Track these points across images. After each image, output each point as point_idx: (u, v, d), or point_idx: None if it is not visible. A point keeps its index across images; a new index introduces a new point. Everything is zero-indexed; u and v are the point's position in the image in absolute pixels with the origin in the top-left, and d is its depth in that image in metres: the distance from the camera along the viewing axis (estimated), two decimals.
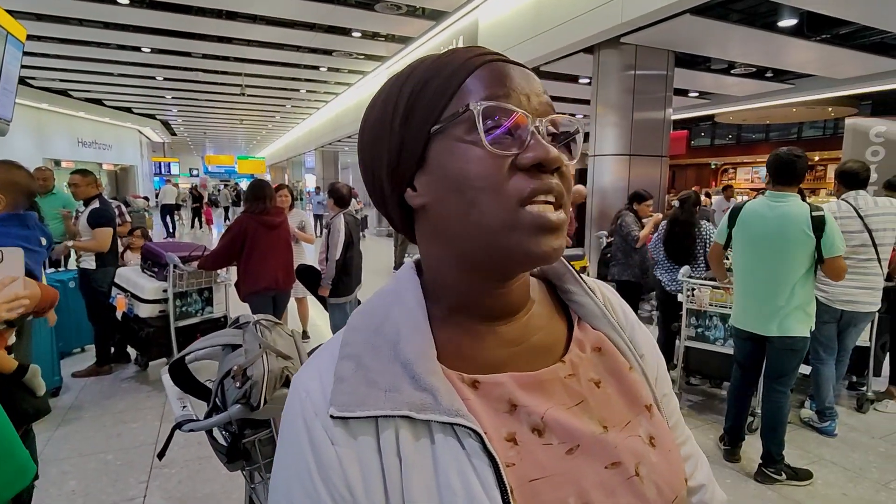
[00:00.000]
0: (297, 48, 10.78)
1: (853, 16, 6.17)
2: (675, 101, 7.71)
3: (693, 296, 3.70)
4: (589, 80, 7.58)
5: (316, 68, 12.64)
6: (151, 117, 22.30)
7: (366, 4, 8.29)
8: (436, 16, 8.95)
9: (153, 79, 13.89)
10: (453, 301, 0.52)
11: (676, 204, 4.22)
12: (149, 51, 11.04)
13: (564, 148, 0.49)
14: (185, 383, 1.62)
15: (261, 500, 1.64)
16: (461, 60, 0.48)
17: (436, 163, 0.47)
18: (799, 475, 2.89)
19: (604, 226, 6.50)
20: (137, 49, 10.90)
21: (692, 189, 5.95)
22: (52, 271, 4.67)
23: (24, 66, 6.92)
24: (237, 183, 28.80)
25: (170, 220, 15.77)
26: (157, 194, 19.01)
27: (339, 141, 18.13)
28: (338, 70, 12.80)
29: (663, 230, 4.24)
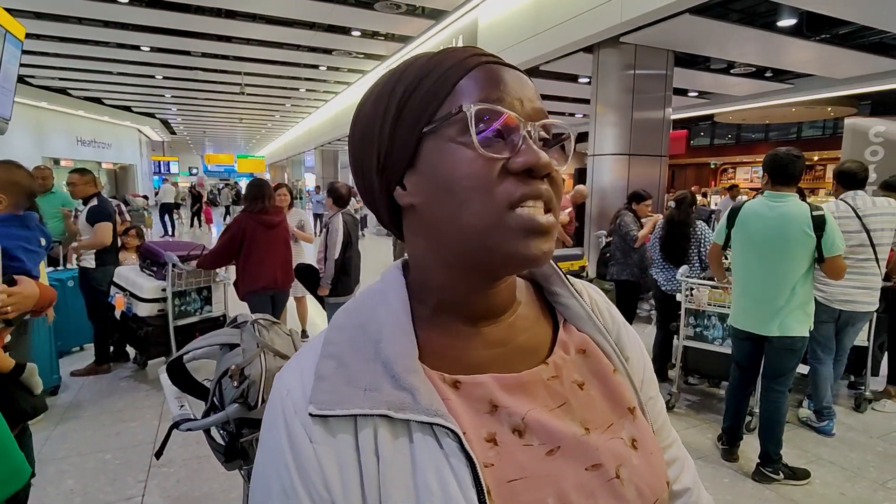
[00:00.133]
0: (297, 47, 10.77)
1: (852, 16, 6.18)
2: (674, 100, 7.71)
3: (692, 295, 3.70)
4: (588, 80, 7.59)
5: (315, 67, 12.64)
6: (151, 116, 22.29)
7: (365, 3, 8.29)
8: (435, 15, 8.95)
9: (152, 77, 13.88)
10: (438, 301, 0.52)
11: (673, 205, 4.22)
12: (148, 49, 11.03)
13: (557, 150, 0.49)
14: (182, 382, 1.62)
15: None
16: (456, 60, 0.47)
17: (427, 162, 0.47)
18: (797, 474, 2.89)
19: (603, 225, 6.50)
20: (137, 48, 10.90)
21: (689, 189, 5.96)
22: (52, 270, 4.67)
23: (23, 65, 6.92)
24: (236, 182, 28.80)
25: (168, 220, 15.70)
26: (157, 193, 19.00)
27: (339, 140, 18.13)
28: (337, 69, 12.80)
29: (660, 230, 4.25)
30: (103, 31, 9.76)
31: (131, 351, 4.57)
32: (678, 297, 3.85)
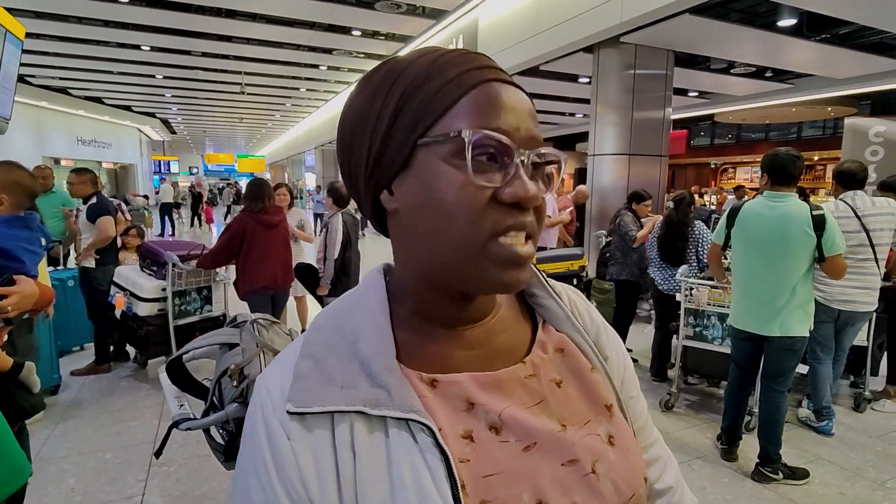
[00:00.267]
0: (297, 47, 10.78)
1: (852, 16, 6.18)
2: (674, 100, 7.71)
3: (691, 295, 3.71)
4: (589, 80, 7.59)
5: (316, 67, 12.64)
6: (151, 115, 22.30)
7: (366, 3, 8.30)
8: (436, 14, 8.96)
9: (153, 77, 13.89)
10: (416, 305, 0.53)
11: (671, 205, 4.22)
12: (148, 49, 11.04)
13: (544, 174, 0.50)
14: (182, 382, 1.62)
15: None
16: (459, 71, 0.47)
17: (418, 175, 0.47)
18: (796, 474, 2.90)
19: (603, 225, 6.50)
20: (137, 47, 10.90)
21: (689, 189, 5.96)
22: (52, 270, 4.68)
23: (24, 64, 6.93)
24: (236, 181, 28.81)
25: (167, 220, 15.66)
26: (157, 192, 18.98)
27: None
28: (338, 69, 12.80)
29: (658, 230, 4.26)
30: (104, 31, 9.77)
31: (131, 350, 4.58)
32: (678, 296, 3.86)
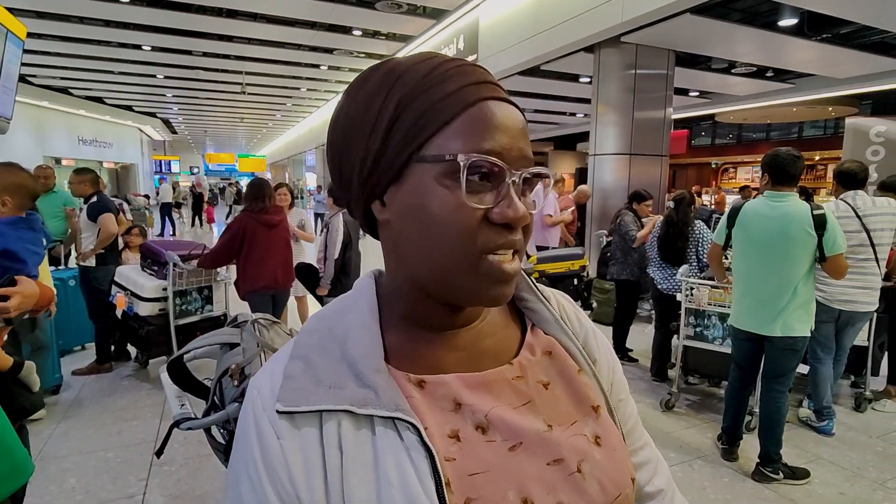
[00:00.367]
0: (298, 46, 10.78)
1: (854, 15, 6.17)
2: (675, 100, 7.72)
3: (692, 295, 3.70)
4: (589, 79, 7.58)
5: (317, 67, 12.65)
6: (152, 115, 22.32)
7: (367, 3, 8.30)
8: (436, 14, 8.96)
9: (154, 77, 13.90)
10: (406, 310, 0.54)
11: (672, 204, 4.22)
12: (149, 49, 11.05)
13: (532, 187, 0.51)
14: (183, 381, 1.62)
15: None
16: (456, 88, 0.47)
17: (410, 190, 0.47)
18: (796, 474, 2.90)
19: (604, 225, 6.50)
20: (138, 47, 10.91)
21: (689, 189, 5.95)
22: (52, 270, 4.68)
23: (25, 64, 6.93)
24: (237, 181, 28.82)
25: (168, 220, 15.63)
26: (157, 192, 18.99)
27: None
28: (338, 68, 12.80)
29: (659, 230, 4.26)
30: (105, 31, 9.77)
31: (132, 350, 4.58)
32: (678, 296, 3.86)
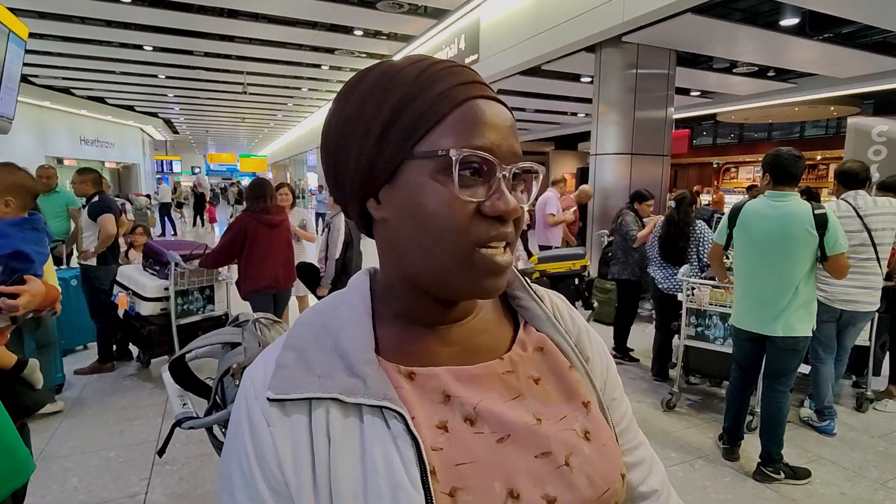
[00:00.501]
0: (299, 46, 10.79)
1: (855, 15, 6.16)
2: (676, 100, 7.71)
3: (693, 295, 3.70)
4: (591, 79, 7.58)
5: (318, 66, 12.65)
6: (153, 115, 22.33)
7: (368, 3, 8.30)
8: (437, 14, 8.95)
9: (155, 77, 13.91)
10: (400, 305, 0.55)
11: (673, 204, 4.22)
12: (151, 49, 11.06)
13: (523, 186, 0.53)
14: (185, 381, 1.63)
15: None
16: (446, 87, 0.49)
17: (405, 187, 0.49)
18: (797, 474, 2.90)
19: (605, 225, 6.50)
20: (139, 47, 10.92)
21: (690, 188, 5.94)
22: (55, 269, 4.69)
23: (27, 64, 6.95)
24: (238, 181, 28.85)
25: (167, 220, 15.57)
26: (156, 193, 18.99)
27: None
28: (340, 68, 12.80)
29: (660, 229, 4.25)
30: (106, 31, 9.79)
31: (134, 349, 4.59)
32: (679, 296, 3.85)
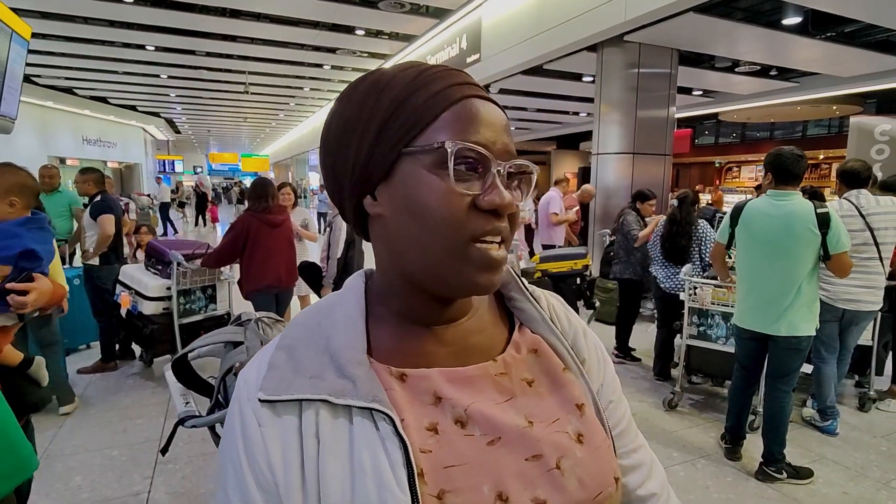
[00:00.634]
0: (301, 46, 10.78)
1: (858, 13, 6.14)
2: (678, 99, 7.68)
3: (695, 294, 3.70)
4: (592, 79, 7.57)
5: (319, 66, 12.65)
6: (156, 115, 22.36)
7: (370, 2, 8.29)
8: (439, 14, 8.95)
9: (157, 77, 13.92)
10: (396, 305, 0.56)
11: (675, 203, 4.22)
12: (153, 49, 11.07)
13: (518, 184, 0.53)
14: (187, 380, 1.63)
15: None
16: (442, 87, 0.50)
17: (401, 182, 0.50)
18: (800, 474, 2.90)
19: (607, 224, 6.49)
20: (142, 47, 10.93)
21: (692, 188, 5.93)
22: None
23: (29, 64, 6.96)
24: (240, 181, 28.87)
25: (167, 221, 15.58)
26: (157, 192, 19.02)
27: None
28: (341, 68, 12.80)
29: (661, 228, 4.25)
30: (109, 31, 9.80)
31: (137, 349, 4.61)
32: (681, 295, 3.85)
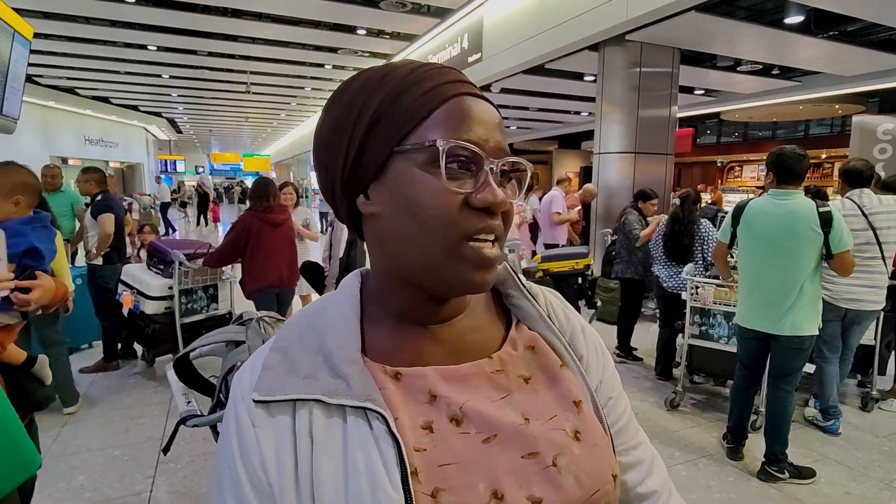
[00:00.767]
0: (303, 46, 10.78)
1: (860, 12, 6.13)
2: (680, 98, 7.68)
3: (697, 294, 3.69)
4: (594, 78, 7.56)
5: (321, 66, 12.65)
6: (157, 115, 22.37)
7: (371, 2, 8.29)
8: (441, 13, 8.94)
9: (159, 77, 13.93)
10: (391, 304, 0.56)
11: (677, 202, 4.21)
12: (155, 49, 11.08)
13: (512, 183, 0.53)
14: (189, 379, 1.64)
15: None
16: (435, 84, 0.49)
17: (393, 181, 0.49)
18: (802, 473, 2.89)
19: (609, 224, 6.48)
20: (143, 47, 10.94)
21: (694, 187, 5.92)
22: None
23: (32, 65, 6.97)
24: (242, 180, 28.90)
25: (167, 221, 15.61)
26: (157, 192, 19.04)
27: None
28: (343, 68, 12.79)
29: (664, 228, 4.24)
30: (111, 31, 9.81)
31: (139, 348, 4.61)
32: (683, 295, 3.85)
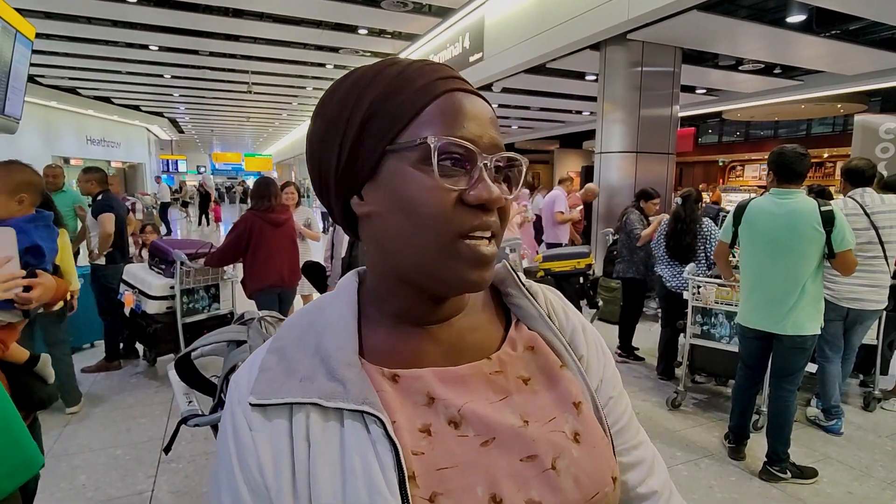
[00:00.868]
0: (304, 45, 10.79)
1: (863, 11, 6.11)
2: (682, 97, 7.66)
3: (699, 293, 3.69)
4: (595, 77, 7.56)
5: (322, 65, 12.66)
6: (159, 115, 22.40)
7: (372, 1, 8.29)
8: (442, 13, 8.94)
9: (161, 77, 13.95)
10: (388, 304, 0.55)
11: (679, 201, 4.20)
12: (156, 49, 11.10)
13: (506, 179, 0.52)
14: (190, 379, 1.64)
15: None
16: (426, 81, 0.49)
17: (387, 180, 0.49)
18: (804, 473, 2.88)
19: (610, 223, 6.48)
20: (145, 47, 10.96)
21: (695, 187, 5.92)
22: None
23: (33, 65, 6.99)
24: (244, 180, 28.94)
25: (167, 221, 15.62)
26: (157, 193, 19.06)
27: None
28: (344, 67, 12.79)
29: (666, 227, 4.24)
30: (112, 31, 9.82)
31: (141, 348, 4.62)
32: (685, 294, 3.84)
